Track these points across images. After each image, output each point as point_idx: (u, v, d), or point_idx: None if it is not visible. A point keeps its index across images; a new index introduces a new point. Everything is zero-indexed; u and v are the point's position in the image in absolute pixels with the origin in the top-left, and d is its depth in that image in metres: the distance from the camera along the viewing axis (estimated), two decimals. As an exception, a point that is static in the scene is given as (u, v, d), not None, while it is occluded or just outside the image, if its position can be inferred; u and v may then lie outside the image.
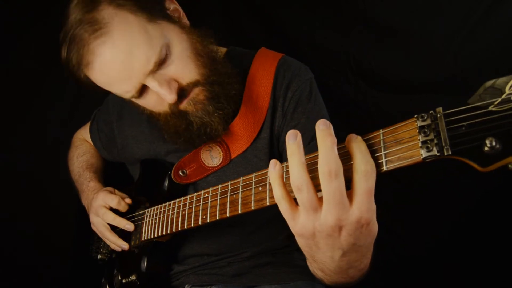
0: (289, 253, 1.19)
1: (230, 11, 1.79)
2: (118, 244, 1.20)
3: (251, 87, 1.13)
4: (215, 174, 1.15)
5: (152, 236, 1.11)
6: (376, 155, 0.60)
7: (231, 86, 1.06)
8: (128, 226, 1.19)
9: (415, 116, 0.56)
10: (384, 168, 0.58)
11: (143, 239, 1.16)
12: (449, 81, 1.44)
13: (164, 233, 1.07)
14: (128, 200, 1.24)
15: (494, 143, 0.46)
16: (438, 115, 0.53)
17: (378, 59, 1.55)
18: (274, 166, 0.62)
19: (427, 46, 1.46)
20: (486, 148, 0.47)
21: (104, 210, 1.21)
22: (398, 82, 1.54)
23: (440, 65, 1.45)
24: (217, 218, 0.87)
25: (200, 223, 0.93)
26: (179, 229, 1.01)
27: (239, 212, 0.80)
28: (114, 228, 1.22)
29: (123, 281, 1.19)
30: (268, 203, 0.74)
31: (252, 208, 0.77)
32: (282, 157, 1.15)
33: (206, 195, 0.92)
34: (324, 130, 0.57)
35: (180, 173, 1.16)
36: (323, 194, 0.58)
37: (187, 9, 1.08)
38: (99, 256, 1.34)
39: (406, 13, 1.46)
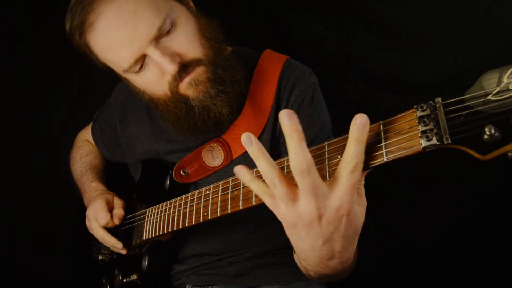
0: (290, 253, 1.16)
1: (230, 11, 1.79)
2: (117, 246, 1.19)
3: (255, 89, 1.13)
4: (215, 174, 1.14)
5: (153, 235, 1.11)
6: (376, 146, 0.60)
7: (235, 71, 1.05)
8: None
9: (415, 106, 0.56)
10: (385, 158, 0.59)
11: (144, 238, 1.15)
12: (449, 81, 1.45)
13: (165, 232, 1.06)
14: (117, 221, 1.20)
15: (493, 131, 0.46)
16: (437, 105, 0.53)
17: (378, 59, 1.56)
18: (240, 171, 0.63)
19: (427, 46, 1.47)
20: (485, 136, 0.48)
21: (95, 224, 1.20)
22: (398, 82, 1.54)
23: (440, 65, 1.46)
24: (218, 214, 0.86)
25: (201, 220, 0.92)
26: (181, 227, 1.00)
27: (240, 208, 0.80)
28: (116, 228, 1.22)
29: (124, 281, 1.18)
30: None
31: (253, 203, 0.77)
32: (280, 157, 1.15)
33: (207, 192, 0.91)
34: (290, 126, 0.54)
35: (182, 172, 1.16)
36: (299, 188, 0.59)
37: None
38: (100, 257, 1.34)
39: (406, 13, 1.47)
